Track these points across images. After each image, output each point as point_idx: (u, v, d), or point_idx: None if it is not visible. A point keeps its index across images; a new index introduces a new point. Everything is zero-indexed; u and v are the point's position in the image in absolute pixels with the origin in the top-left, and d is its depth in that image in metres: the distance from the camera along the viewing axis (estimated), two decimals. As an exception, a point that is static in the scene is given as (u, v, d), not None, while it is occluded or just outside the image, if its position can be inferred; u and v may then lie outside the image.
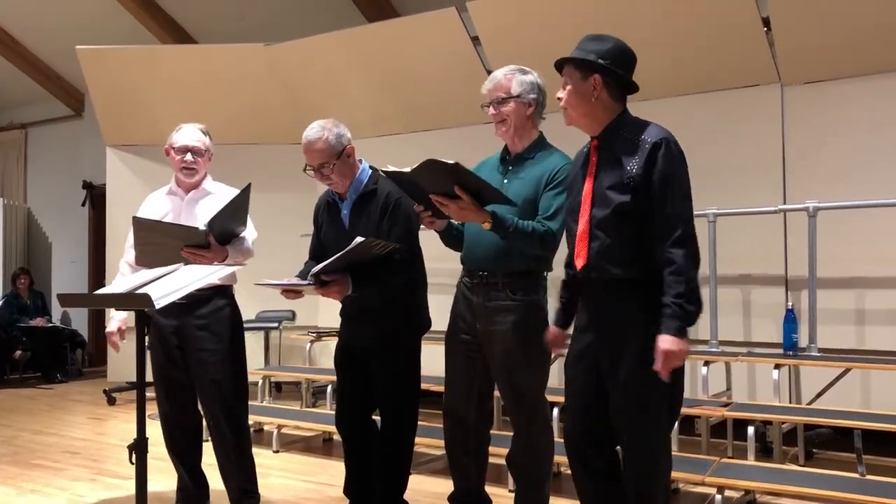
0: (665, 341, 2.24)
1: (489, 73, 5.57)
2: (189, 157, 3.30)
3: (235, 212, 3.09)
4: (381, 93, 6.25)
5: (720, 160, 4.81)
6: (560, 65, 2.47)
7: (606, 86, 2.39)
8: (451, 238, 2.99)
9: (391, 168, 2.66)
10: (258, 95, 6.68)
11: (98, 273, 8.85)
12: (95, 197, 9.30)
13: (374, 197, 3.09)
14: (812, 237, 4.43)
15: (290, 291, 2.97)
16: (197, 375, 3.28)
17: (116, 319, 3.33)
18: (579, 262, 2.42)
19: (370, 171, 3.17)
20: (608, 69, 2.37)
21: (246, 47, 6.67)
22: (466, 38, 5.67)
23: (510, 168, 2.92)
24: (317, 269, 2.85)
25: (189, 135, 3.34)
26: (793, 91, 4.81)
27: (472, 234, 2.87)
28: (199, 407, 3.37)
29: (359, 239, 2.78)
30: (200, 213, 3.28)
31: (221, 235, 3.09)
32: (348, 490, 3.31)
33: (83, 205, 9.51)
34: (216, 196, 3.36)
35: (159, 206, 3.39)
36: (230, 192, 3.34)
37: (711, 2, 4.70)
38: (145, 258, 3.02)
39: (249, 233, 3.30)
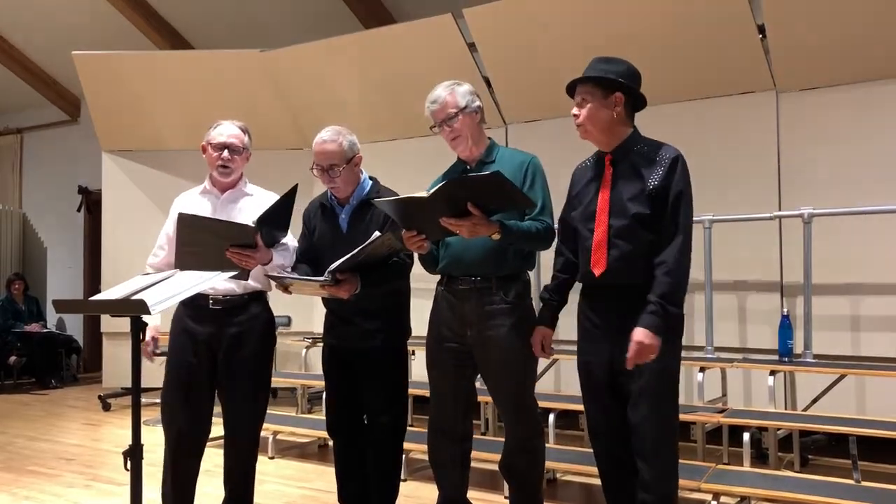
0: (641, 333, 2.39)
1: (485, 79, 5.66)
2: (226, 154, 3.15)
3: (280, 212, 2.97)
4: (376, 99, 6.26)
5: (715, 167, 4.82)
6: (573, 85, 2.58)
7: (624, 103, 2.54)
8: (430, 258, 3.00)
9: (392, 198, 2.69)
10: (254, 101, 6.68)
11: (94, 279, 8.83)
12: (91, 202, 9.29)
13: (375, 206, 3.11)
14: (807, 243, 4.44)
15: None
16: (227, 384, 3.12)
17: (150, 327, 2.97)
18: (597, 270, 2.52)
19: (371, 181, 3.21)
20: (629, 88, 2.54)
21: (242, 53, 6.68)
22: (462, 44, 5.68)
23: None
24: (335, 266, 2.86)
25: (227, 131, 3.19)
26: (788, 98, 4.83)
27: (458, 242, 2.84)
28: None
29: (377, 234, 2.84)
30: (238, 216, 3.13)
31: (267, 237, 2.97)
32: (342, 497, 3.30)
33: (79, 210, 9.50)
34: (254, 199, 3.23)
35: (192, 205, 3.20)
36: (269, 196, 3.25)
37: (706, 9, 4.72)
38: (186, 260, 2.83)
39: (290, 240, 3.17)
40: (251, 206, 3.19)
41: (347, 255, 2.84)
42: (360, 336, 3.09)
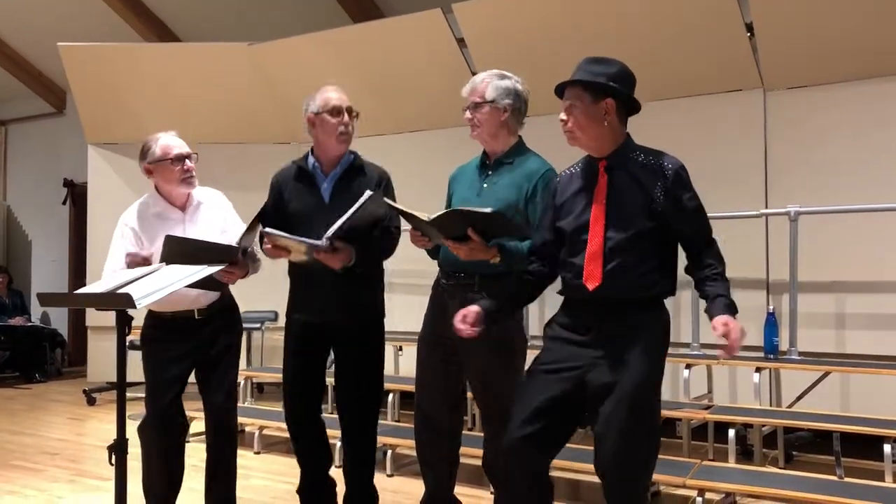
0: (730, 322, 2.41)
1: (474, 74, 5.62)
2: (188, 163, 3.11)
3: (255, 227, 2.95)
4: (365, 93, 6.22)
5: (703, 164, 4.80)
6: (562, 87, 2.43)
7: (616, 109, 2.39)
8: (436, 252, 2.99)
9: (397, 205, 2.66)
10: (241, 95, 6.65)
11: (79, 272, 8.76)
12: (76, 195, 9.22)
13: (361, 173, 3.08)
14: (793, 241, 4.47)
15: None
16: (216, 381, 3.18)
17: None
18: (591, 284, 2.37)
19: (352, 155, 3.14)
20: (620, 92, 2.38)
21: (229, 46, 6.64)
22: (452, 39, 5.67)
23: (489, 173, 2.91)
24: (332, 230, 2.76)
25: (177, 141, 3.14)
26: (775, 96, 4.85)
27: None
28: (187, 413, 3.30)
29: (368, 192, 2.76)
30: (206, 228, 3.13)
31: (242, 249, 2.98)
32: (304, 490, 3.23)
33: (64, 203, 9.43)
34: (208, 205, 3.23)
35: (152, 229, 3.11)
36: (216, 196, 3.28)
37: (695, 7, 4.73)
38: None
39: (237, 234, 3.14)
40: (211, 213, 3.21)
41: (343, 217, 2.75)
42: (341, 310, 3.00)
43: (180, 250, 2.79)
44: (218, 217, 3.21)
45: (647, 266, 2.37)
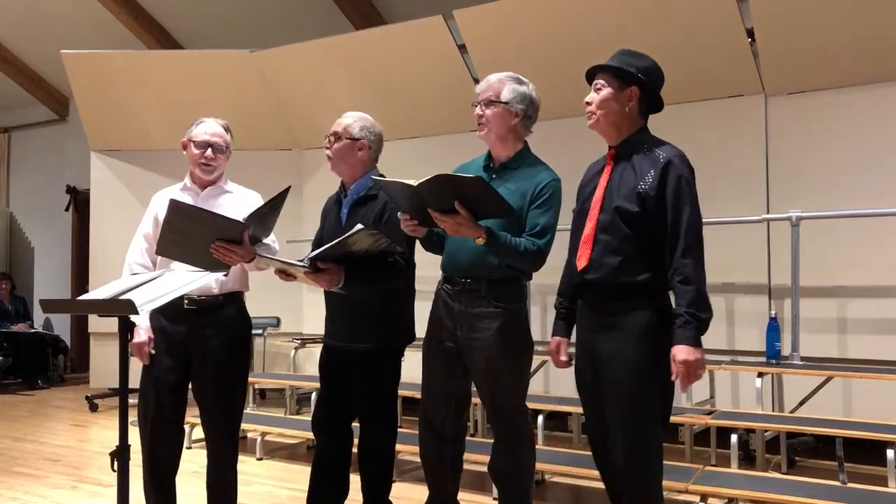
0: (682, 351, 2.31)
1: (476, 80, 5.64)
2: (209, 152, 3.14)
3: (270, 212, 2.89)
4: (367, 100, 6.25)
5: (704, 169, 4.76)
6: (593, 71, 2.55)
7: (639, 100, 2.50)
8: (431, 243, 2.98)
9: (384, 178, 2.65)
10: (244, 102, 6.66)
11: (81, 279, 8.79)
12: (79, 202, 9.24)
13: (372, 201, 3.09)
14: (795, 246, 4.47)
15: (284, 273, 2.93)
16: (201, 385, 3.10)
17: (144, 328, 3.04)
18: (581, 263, 2.49)
19: (372, 179, 3.15)
20: (647, 84, 2.50)
21: (232, 53, 6.66)
22: (453, 45, 5.69)
23: (493, 176, 2.90)
24: (314, 253, 2.83)
25: (211, 129, 3.18)
26: (776, 101, 4.86)
27: (455, 241, 2.84)
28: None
29: (358, 226, 2.76)
30: (218, 212, 3.04)
31: (251, 235, 2.89)
32: (313, 499, 3.24)
33: (67, 210, 9.45)
34: (234, 196, 3.21)
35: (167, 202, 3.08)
36: (248, 194, 3.24)
37: (696, 12, 4.74)
38: (167, 248, 2.80)
39: (271, 241, 3.11)
40: (232, 202, 3.17)
41: (326, 245, 2.80)
42: (351, 336, 3.06)
43: (182, 216, 2.72)
44: (237, 210, 3.10)
45: (632, 251, 2.42)
